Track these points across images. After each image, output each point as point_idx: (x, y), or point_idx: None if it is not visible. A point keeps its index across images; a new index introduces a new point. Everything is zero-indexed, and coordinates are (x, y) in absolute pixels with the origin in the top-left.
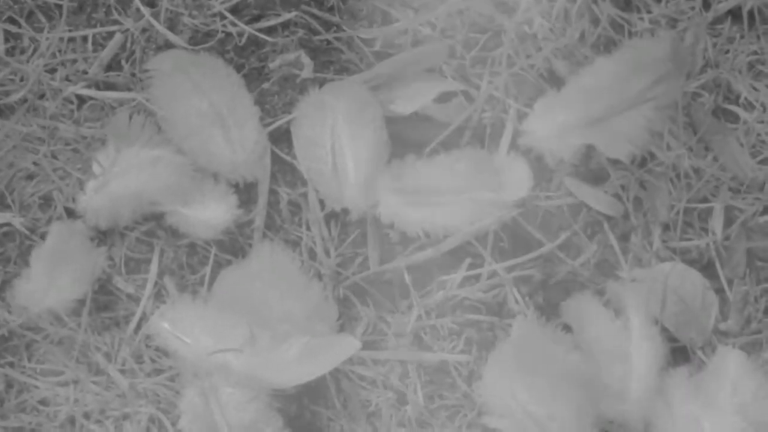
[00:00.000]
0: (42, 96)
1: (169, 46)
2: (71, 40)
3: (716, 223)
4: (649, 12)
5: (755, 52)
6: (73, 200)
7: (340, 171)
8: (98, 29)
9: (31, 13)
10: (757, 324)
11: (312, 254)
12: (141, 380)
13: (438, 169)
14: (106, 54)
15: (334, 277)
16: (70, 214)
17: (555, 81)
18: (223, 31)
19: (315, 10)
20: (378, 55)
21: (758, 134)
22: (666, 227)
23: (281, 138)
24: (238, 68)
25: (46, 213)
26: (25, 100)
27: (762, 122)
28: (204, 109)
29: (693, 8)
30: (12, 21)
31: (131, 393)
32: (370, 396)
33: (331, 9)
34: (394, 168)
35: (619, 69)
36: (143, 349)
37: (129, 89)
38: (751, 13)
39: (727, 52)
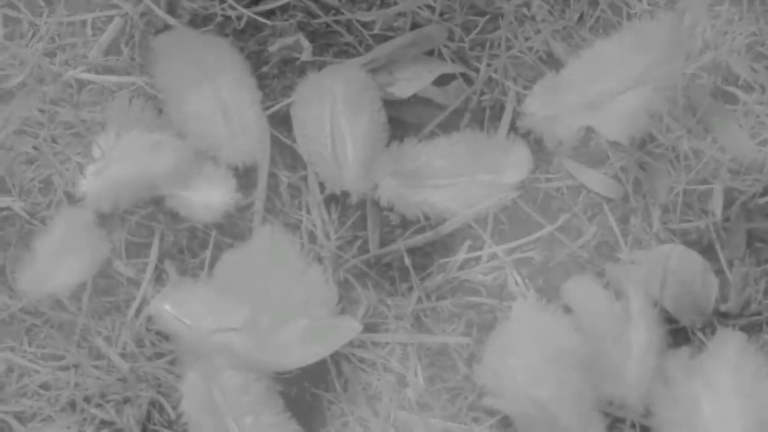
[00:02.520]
0: (41, 80)
1: (168, 29)
2: (70, 24)
3: (716, 204)
4: None
5: (754, 34)
6: (74, 184)
7: (340, 154)
8: (97, 13)
9: None
10: (757, 305)
11: (312, 237)
12: (142, 364)
13: (437, 152)
14: (105, 38)
15: (334, 260)
16: (70, 198)
17: (554, 63)
18: (222, 15)
19: None
20: (377, 38)
21: (757, 115)
22: (666, 209)
23: (281, 121)
24: (238, 52)
25: (47, 197)
26: (24, 85)
27: (761, 103)
28: (206, 92)
29: None
30: (11, 5)
31: (132, 377)
32: (371, 379)
33: None
34: (393, 151)
35: (618, 51)
36: (144, 332)
37: (128, 73)
38: None
39: (726, 33)
